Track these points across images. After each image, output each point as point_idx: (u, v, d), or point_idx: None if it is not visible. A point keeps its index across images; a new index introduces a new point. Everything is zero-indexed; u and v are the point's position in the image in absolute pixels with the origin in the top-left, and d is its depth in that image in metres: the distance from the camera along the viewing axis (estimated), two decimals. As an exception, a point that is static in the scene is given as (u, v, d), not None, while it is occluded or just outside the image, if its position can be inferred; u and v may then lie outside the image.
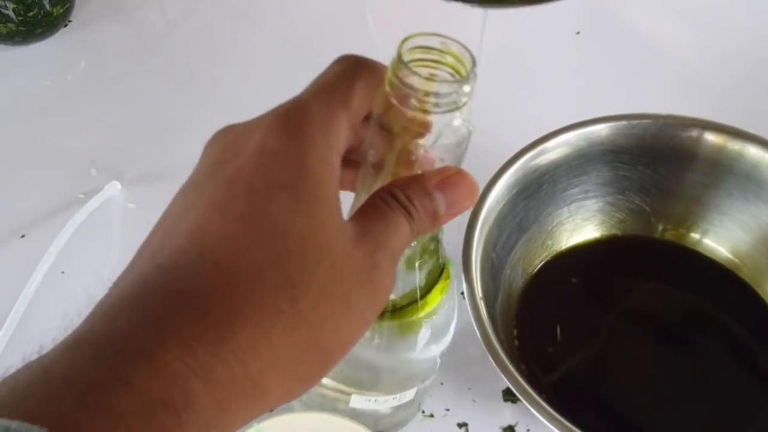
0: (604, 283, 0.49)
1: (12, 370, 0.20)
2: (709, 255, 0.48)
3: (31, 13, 0.65)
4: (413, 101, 0.23)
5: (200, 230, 0.22)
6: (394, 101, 0.24)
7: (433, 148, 0.25)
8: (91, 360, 0.19)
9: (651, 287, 0.48)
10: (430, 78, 0.24)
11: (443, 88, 0.23)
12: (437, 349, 0.33)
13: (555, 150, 0.45)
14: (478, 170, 0.45)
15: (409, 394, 0.34)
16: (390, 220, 0.24)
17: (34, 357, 0.20)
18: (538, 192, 0.46)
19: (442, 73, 0.25)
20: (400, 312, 0.30)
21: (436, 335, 0.33)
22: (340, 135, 0.24)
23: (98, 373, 0.19)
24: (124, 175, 0.57)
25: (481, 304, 0.39)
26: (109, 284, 0.22)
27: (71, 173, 0.58)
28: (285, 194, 0.22)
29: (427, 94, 0.23)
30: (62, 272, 0.51)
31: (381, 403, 0.34)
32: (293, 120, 0.23)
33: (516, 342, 0.44)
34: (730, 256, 0.48)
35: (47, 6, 0.65)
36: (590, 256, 0.49)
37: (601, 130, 0.46)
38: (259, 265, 0.21)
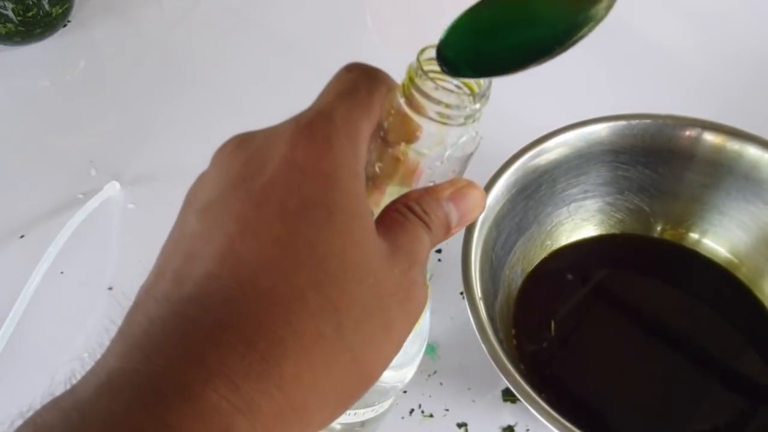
0: (603, 283, 0.49)
1: (12, 372, 0.19)
2: (707, 255, 0.48)
3: (30, 14, 0.65)
4: (430, 112, 0.23)
5: (234, 254, 0.20)
6: (408, 111, 0.23)
7: (445, 160, 0.25)
8: (132, 404, 0.18)
9: (650, 287, 0.48)
10: (450, 89, 0.23)
11: (462, 101, 0.23)
12: (419, 355, 0.33)
13: (554, 150, 0.45)
14: (477, 170, 0.45)
15: (386, 404, 0.34)
16: (414, 233, 0.24)
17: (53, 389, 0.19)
18: (537, 192, 0.46)
19: (449, 85, 0.24)
20: None
21: (420, 339, 0.33)
22: (363, 145, 0.23)
23: (141, 420, 0.18)
24: (123, 175, 0.57)
25: (480, 305, 0.39)
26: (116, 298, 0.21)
27: (70, 173, 0.58)
28: (319, 213, 0.21)
29: (447, 105, 0.23)
30: (61, 272, 0.51)
31: (360, 415, 0.34)
32: (319, 131, 0.22)
33: (515, 342, 0.44)
34: (729, 256, 0.48)
35: (46, 6, 0.66)
36: (589, 256, 0.49)
37: (601, 130, 0.46)
38: (301, 290, 0.20)
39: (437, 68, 0.24)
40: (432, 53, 0.24)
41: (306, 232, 0.21)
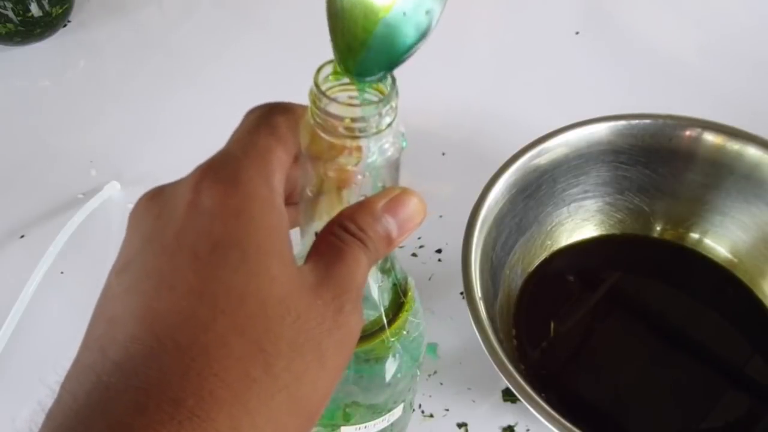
0: (604, 283, 0.49)
1: (12, 372, 0.19)
2: (707, 255, 0.48)
3: (30, 13, 0.65)
4: (339, 129, 0.23)
5: (151, 312, 0.20)
6: (320, 132, 0.23)
7: (370, 172, 0.24)
8: None
9: (650, 287, 0.48)
10: (351, 103, 0.23)
11: (366, 112, 0.23)
12: (414, 362, 0.33)
13: (554, 150, 0.45)
14: (477, 170, 0.45)
15: (397, 412, 0.34)
16: (347, 255, 0.23)
17: None
18: (537, 192, 0.46)
19: (352, 98, 0.24)
20: (370, 337, 0.30)
21: (411, 349, 0.32)
22: (277, 177, 0.23)
23: None
24: (123, 175, 0.57)
25: (480, 305, 0.39)
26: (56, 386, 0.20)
27: (71, 173, 0.58)
28: (233, 254, 0.20)
29: (352, 120, 0.22)
30: (61, 272, 0.51)
31: (371, 428, 0.34)
32: (223, 169, 0.22)
33: (515, 342, 0.44)
34: (729, 256, 0.48)
35: (46, 6, 0.66)
36: (589, 256, 0.49)
37: (601, 130, 0.46)
38: (223, 337, 0.20)
39: (336, 83, 0.23)
40: (329, 70, 0.23)
41: (221, 276, 0.20)
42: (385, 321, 0.30)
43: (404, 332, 0.31)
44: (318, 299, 0.22)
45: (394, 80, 0.24)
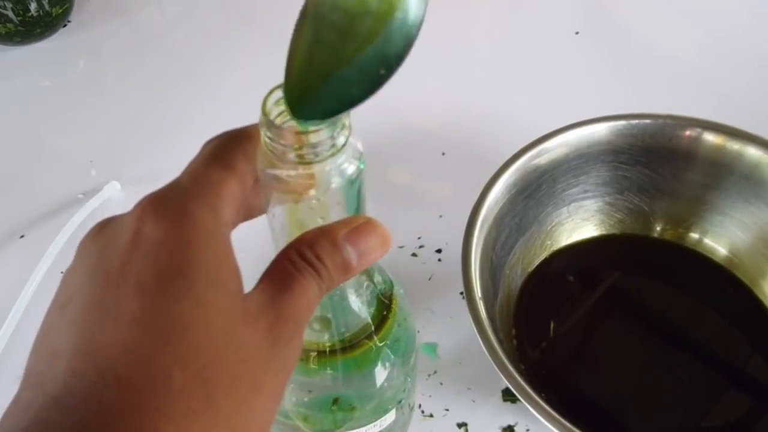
0: (603, 283, 0.49)
1: (12, 372, 0.19)
2: (707, 255, 0.48)
3: (30, 13, 0.65)
4: (292, 156, 0.22)
5: (93, 344, 0.19)
6: (274, 159, 0.22)
7: (326, 196, 0.24)
8: None
9: (650, 287, 0.48)
10: (301, 130, 0.22)
11: (316, 137, 0.22)
12: (405, 367, 0.33)
13: (554, 150, 0.45)
14: (477, 170, 0.45)
15: (389, 416, 0.34)
16: (295, 285, 0.22)
17: None
18: (537, 192, 0.46)
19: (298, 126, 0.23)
20: (357, 345, 0.30)
21: (401, 354, 0.32)
22: (226, 207, 0.22)
23: None
24: (123, 176, 0.57)
25: (480, 305, 0.39)
26: None
27: (71, 173, 0.58)
28: (179, 283, 0.20)
29: (301, 146, 0.22)
30: (61, 272, 0.50)
31: None
32: (169, 200, 0.22)
33: (515, 342, 0.44)
34: (729, 255, 0.48)
35: (46, 6, 0.66)
36: (589, 256, 0.49)
37: (601, 130, 0.46)
38: (166, 369, 0.19)
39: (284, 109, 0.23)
40: (277, 95, 0.23)
41: (165, 306, 0.20)
42: (372, 328, 0.30)
43: (391, 339, 0.31)
44: (257, 331, 0.21)
45: None
